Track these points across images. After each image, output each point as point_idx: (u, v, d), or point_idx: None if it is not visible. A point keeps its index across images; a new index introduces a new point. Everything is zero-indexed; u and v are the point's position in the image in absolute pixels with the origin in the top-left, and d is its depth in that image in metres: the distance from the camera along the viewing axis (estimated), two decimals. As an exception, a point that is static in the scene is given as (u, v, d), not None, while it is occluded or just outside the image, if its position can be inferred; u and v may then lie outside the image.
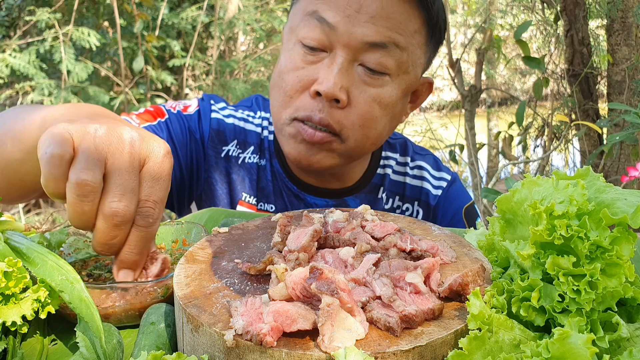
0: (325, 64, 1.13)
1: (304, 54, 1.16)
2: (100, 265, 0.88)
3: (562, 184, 0.65)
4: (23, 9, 4.55)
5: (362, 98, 1.15)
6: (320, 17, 1.12)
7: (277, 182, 1.39)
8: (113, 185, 0.71)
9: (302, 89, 1.16)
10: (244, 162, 1.40)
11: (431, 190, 1.41)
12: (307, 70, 1.15)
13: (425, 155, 1.47)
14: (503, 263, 0.72)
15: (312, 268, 0.61)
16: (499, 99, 7.82)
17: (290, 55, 1.18)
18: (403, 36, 1.14)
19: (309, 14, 1.14)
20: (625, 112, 2.02)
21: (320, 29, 1.12)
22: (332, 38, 1.12)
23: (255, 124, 1.43)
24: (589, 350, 0.50)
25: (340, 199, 1.38)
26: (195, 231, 0.95)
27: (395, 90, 1.18)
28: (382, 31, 1.11)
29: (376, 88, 1.15)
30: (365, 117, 1.16)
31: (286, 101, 1.18)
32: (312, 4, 1.14)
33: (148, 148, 0.75)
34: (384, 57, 1.13)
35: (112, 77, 4.78)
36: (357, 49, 1.12)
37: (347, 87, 1.13)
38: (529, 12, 3.98)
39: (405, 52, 1.15)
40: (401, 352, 0.56)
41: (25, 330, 0.70)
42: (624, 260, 0.58)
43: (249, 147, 1.41)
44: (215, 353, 0.60)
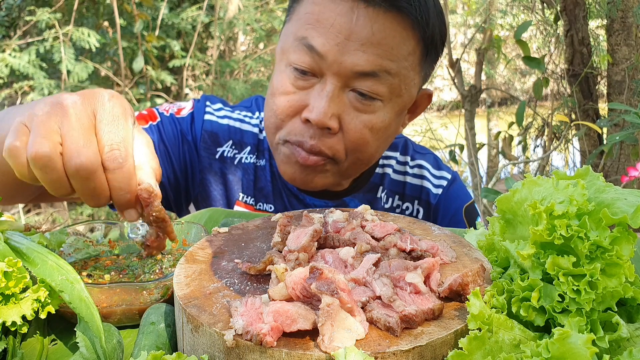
0: (316, 91, 1.12)
1: (295, 79, 1.14)
2: (100, 265, 0.88)
3: (562, 184, 0.65)
4: (23, 9, 4.55)
5: (353, 124, 1.13)
6: (310, 45, 1.10)
7: (277, 183, 1.39)
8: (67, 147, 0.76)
9: (292, 113, 1.15)
10: (240, 162, 1.40)
11: (432, 189, 1.40)
12: (298, 96, 1.14)
13: (425, 154, 1.47)
14: (503, 263, 0.72)
15: (312, 268, 0.61)
16: (499, 99, 7.82)
17: (281, 78, 1.17)
18: (394, 62, 1.11)
19: (298, 39, 1.13)
20: (625, 112, 2.02)
21: (310, 57, 1.11)
22: (322, 66, 1.11)
23: (253, 124, 1.43)
24: (589, 350, 0.50)
25: (339, 200, 1.38)
26: (195, 231, 0.95)
27: (388, 114, 1.17)
28: (373, 59, 1.09)
29: (368, 114, 1.14)
30: (357, 143, 1.16)
31: (278, 124, 1.18)
32: (302, 30, 1.12)
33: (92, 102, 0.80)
34: (375, 85, 1.11)
35: (112, 77, 4.78)
36: (348, 77, 1.11)
37: (338, 114, 1.12)
38: (529, 12, 3.98)
39: (397, 77, 1.13)
40: (401, 352, 0.56)
41: (25, 330, 0.70)
42: (624, 260, 0.58)
43: (245, 147, 1.41)
44: (215, 353, 0.60)
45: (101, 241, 0.98)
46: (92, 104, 0.79)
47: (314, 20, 1.11)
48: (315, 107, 1.10)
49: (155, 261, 0.89)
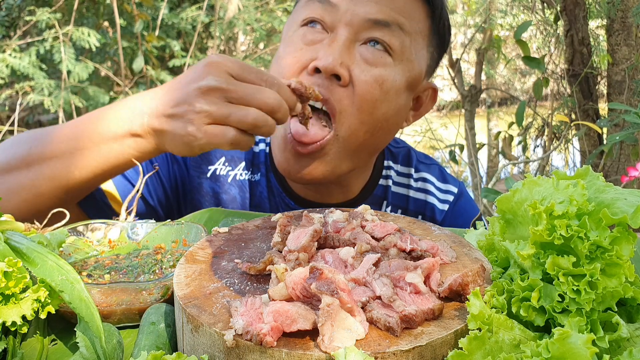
0: (325, 44, 1.07)
1: (304, 34, 1.10)
2: (100, 265, 0.88)
3: (562, 184, 0.65)
4: (23, 9, 4.55)
5: (363, 77, 1.07)
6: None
7: (274, 198, 1.31)
8: (245, 99, 0.92)
9: (299, 69, 1.09)
10: (234, 179, 1.33)
11: (437, 204, 1.33)
12: (306, 51, 1.09)
13: (430, 165, 1.39)
14: (503, 263, 0.72)
15: (312, 268, 0.61)
16: (499, 99, 7.82)
17: (289, 41, 1.12)
18: (407, 19, 1.08)
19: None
20: (625, 112, 2.02)
21: (322, 8, 1.08)
22: (334, 17, 1.07)
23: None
24: (589, 350, 0.50)
25: None
26: (195, 231, 0.95)
27: (399, 75, 1.11)
28: (386, 10, 1.06)
29: (379, 68, 1.08)
30: (366, 99, 1.07)
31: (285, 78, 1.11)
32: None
33: (214, 67, 0.92)
34: (387, 35, 1.07)
35: (112, 77, 4.78)
36: (360, 27, 1.07)
37: (348, 65, 1.07)
38: (529, 12, 3.98)
39: (409, 36, 1.10)
40: (401, 352, 0.56)
41: (25, 330, 0.70)
42: (624, 260, 0.58)
43: (239, 163, 1.33)
44: (215, 353, 0.60)
45: (101, 241, 0.98)
46: (218, 67, 0.92)
47: None
48: (325, 55, 1.05)
49: (155, 261, 0.89)
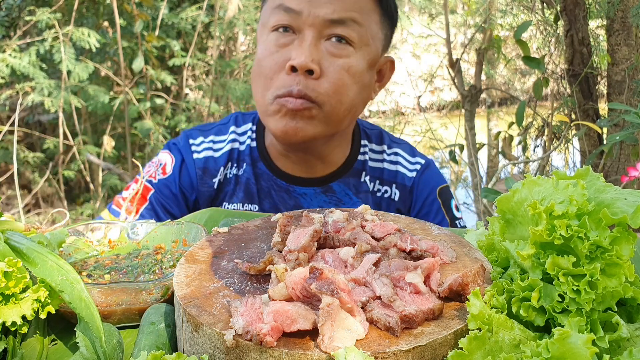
0: (296, 44, 1.29)
1: (277, 39, 1.30)
2: (100, 265, 0.88)
3: (562, 184, 0.65)
4: (23, 9, 4.54)
5: (332, 68, 1.29)
6: (286, 7, 1.28)
7: (263, 183, 1.48)
8: None
9: (279, 69, 1.29)
10: (226, 178, 1.50)
11: (406, 173, 1.52)
12: (281, 53, 1.29)
13: (401, 144, 1.59)
14: (503, 263, 0.72)
15: (312, 268, 0.61)
16: (499, 99, 7.81)
17: (265, 46, 1.33)
18: (359, 13, 1.30)
19: (276, 7, 1.31)
20: (625, 112, 2.02)
21: (288, 17, 1.29)
22: (299, 22, 1.28)
23: (222, 146, 1.52)
24: (589, 350, 0.50)
25: (326, 185, 1.47)
26: (195, 231, 0.95)
27: (361, 60, 1.33)
28: (340, 9, 1.27)
29: (343, 58, 1.30)
30: (337, 84, 1.29)
31: (267, 84, 1.31)
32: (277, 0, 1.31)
33: None
34: (346, 31, 1.29)
35: (112, 77, 4.78)
36: (321, 27, 1.28)
37: (318, 60, 1.27)
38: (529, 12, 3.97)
39: (363, 27, 1.31)
40: (401, 352, 0.56)
41: (25, 330, 0.70)
42: (624, 260, 0.58)
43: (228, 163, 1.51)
44: (215, 353, 0.60)
45: (101, 241, 0.98)
46: None
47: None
48: (297, 54, 1.26)
49: (155, 261, 0.89)
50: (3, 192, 4.87)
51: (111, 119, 4.82)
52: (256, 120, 1.53)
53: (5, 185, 4.90)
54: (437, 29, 6.86)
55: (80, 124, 4.74)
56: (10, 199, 4.77)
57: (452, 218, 1.49)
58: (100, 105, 4.46)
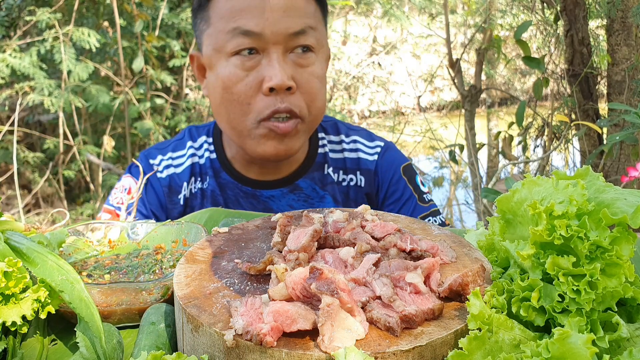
0: (264, 64, 1.28)
1: (242, 63, 1.28)
2: (100, 265, 0.88)
3: (562, 184, 0.65)
4: (23, 9, 4.54)
5: (304, 79, 1.31)
6: (245, 31, 1.26)
7: (229, 192, 1.48)
8: None
9: (254, 92, 1.29)
10: (192, 193, 1.50)
11: (368, 157, 1.54)
12: (251, 76, 1.28)
13: (358, 130, 1.61)
14: (503, 263, 0.72)
15: (312, 268, 0.61)
16: (499, 99, 7.81)
17: (229, 71, 1.30)
18: (310, 18, 1.32)
19: (231, 32, 1.28)
20: (625, 112, 2.02)
21: (250, 39, 1.27)
22: (262, 42, 1.27)
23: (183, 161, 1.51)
24: (589, 350, 0.50)
25: (292, 184, 1.48)
26: (195, 231, 0.95)
27: (322, 62, 1.37)
28: (297, 20, 1.29)
29: (310, 67, 1.32)
30: (312, 94, 1.32)
31: (244, 109, 1.30)
32: (231, 23, 1.27)
33: None
34: (306, 39, 1.31)
35: (112, 77, 4.78)
36: (286, 41, 1.28)
37: (292, 75, 1.29)
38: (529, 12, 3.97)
39: (316, 30, 1.33)
40: (401, 352, 0.56)
41: (25, 330, 0.70)
42: (623, 260, 0.58)
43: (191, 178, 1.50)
44: (215, 353, 0.60)
45: (101, 241, 0.98)
46: None
47: (238, 11, 1.27)
48: (272, 74, 1.26)
49: (155, 261, 0.89)
50: (3, 192, 4.87)
51: (111, 119, 4.82)
52: (211, 132, 1.53)
53: (5, 185, 4.90)
54: (437, 29, 6.86)
55: (80, 124, 4.74)
56: (10, 199, 4.77)
57: (419, 193, 1.50)
58: (101, 106, 4.46)
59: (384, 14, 6.82)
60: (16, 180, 4.07)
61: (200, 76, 1.44)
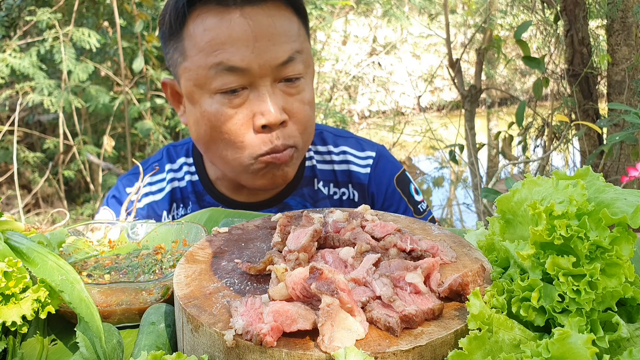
0: (253, 99, 1.19)
1: (229, 101, 1.19)
2: (100, 265, 0.88)
3: (562, 184, 0.65)
4: (23, 9, 4.54)
5: (296, 108, 1.23)
6: (230, 67, 1.16)
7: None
8: None
9: (245, 130, 1.21)
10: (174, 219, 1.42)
11: (359, 170, 1.46)
12: (240, 113, 1.20)
13: (347, 138, 1.52)
14: (503, 263, 0.72)
15: (312, 268, 0.61)
16: (499, 99, 7.82)
17: (215, 110, 1.20)
18: (296, 41, 1.23)
19: (214, 67, 1.17)
20: (625, 112, 2.02)
21: (235, 76, 1.17)
22: (249, 77, 1.18)
23: (162, 187, 1.44)
24: (589, 350, 0.50)
25: (281, 203, 1.41)
26: (195, 231, 0.95)
27: (310, 85, 1.29)
28: (284, 47, 1.19)
29: (300, 94, 1.24)
30: (304, 122, 1.26)
31: (238, 146, 1.22)
32: (212, 58, 1.17)
33: None
34: (295, 67, 1.22)
35: (112, 77, 4.78)
36: (274, 73, 1.20)
37: (283, 107, 1.21)
38: (529, 12, 3.97)
39: (303, 52, 1.25)
40: (401, 352, 0.56)
41: (25, 330, 0.70)
42: (623, 260, 0.58)
43: (173, 205, 1.43)
44: (215, 353, 0.60)
45: (101, 241, 0.98)
46: None
47: (219, 44, 1.16)
48: (264, 110, 1.18)
49: (155, 261, 0.89)
50: (3, 192, 4.87)
51: (111, 119, 4.82)
52: (190, 152, 1.45)
53: (5, 185, 4.90)
54: (437, 29, 6.86)
55: (80, 124, 4.74)
56: (10, 199, 4.77)
57: (414, 204, 1.45)
58: (101, 106, 4.46)
59: (384, 14, 6.82)
60: (16, 180, 4.08)
61: (175, 103, 1.33)
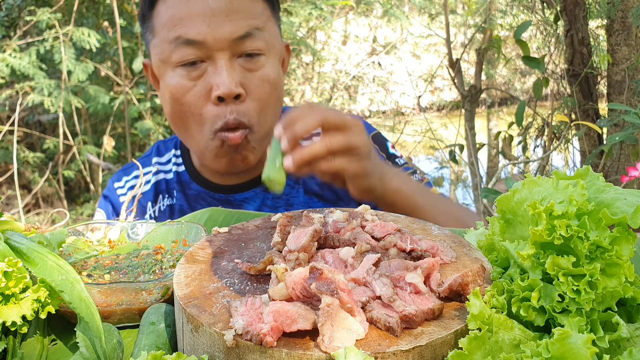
0: (210, 71, 1.23)
1: (188, 73, 1.23)
2: (100, 265, 0.88)
3: (562, 184, 0.65)
4: (23, 9, 4.54)
5: (254, 84, 1.25)
6: (187, 40, 1.21)
7: (202, 203, 1.44)
8: None
9: (203, 102, 1.24)
10: (164, 211, 1.45)
11: None
12: (199, 85, 1.23)
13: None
14: (503, 263, 0.72)
15: (312, 268, 0.61)
16: (499, 99, 7.81)
17: (175, 82, 1.25)
18: (257, 19, 1.25)
19: (173, 41, 1.22)
20: (625, 112, 2.02)
21: (192, 48, 1.22)
22: (206, 50, 1.22)
23: (147, 179, 1.47)
24: (589, 350, 0.50)
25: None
26: (195, 231, 0.95)
27: (274, 64, 1.30)
28: (241, 23, 1.23)
29: (260, 70, 1.26)
30: (261, 100, 1.26)
31: (198, 120, 1.25)
32: (172, 32, 1.22)
33: None
34: (253, 43, 1.24)
35: (112, 76, 4.78)
36: (231, 47, 1.22)
37: (240, 81, 1.23)
38: (529, 12, 3.98)
39: (265, 31, 1.27)
40: (401, 352, 0.56)
41: (25, 330, 0.70)
42: (623, 260, 0.58)
43: (158, 196, 1.46)
44: (215, 353, 0.60)
45: (101, 241, 0.98)
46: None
47: (178, 20, 1.22)
48: (220, 82, 1.21)
49: (155, 261, 0.89)
50: (3, 192, 4.87)
51: (111, 119, 4.82)
52: (178, 144, 1.49)
53: (5, 185, 4.91)
54: (437, 29, 6.86)
55: (80, 124, 4.74)
56: (10, 199, 4.77)
57: (390, 156, 1.47)
58: (101, 106, 4.46)
59: (384, 14, 6.82)
60: (16, 180, 4.08)
61: (155, 84, 1.38)
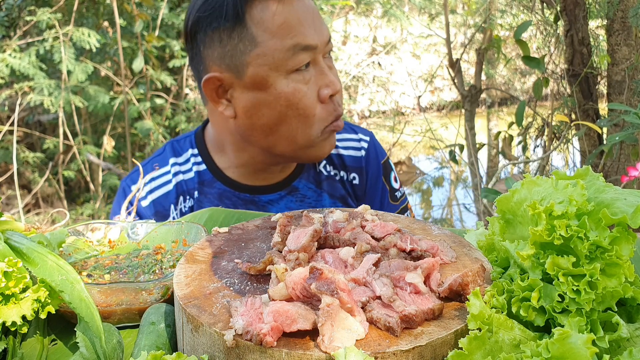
0: (316, 74, 1.32)
1: (303, 77, 1.30)
2: (100, 265, 0.88)
3: (561, 184, 0.65)
4: (23, 9, 4.54)
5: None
6: (306, 46, 1.28)
7: (226, 202, 1.45)
8: None
9: (315, 104, 1.33)
10: (182, 213, 1.45)
11: (355, 154, 1.56)
12: (310, 88, 1.31)
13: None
14: (503, 263, 0.72)
15: (312, 268, 0.61)
16: (499, 99, 7.81)
17: (291, 88, 1.30)
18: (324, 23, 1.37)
19: (291, 48, 1.27)
20: (625, 112, 2.02)
21: (308, 53, 1.30)
22: (314, 53, 1.31)
23: (167, 180, 1.46)
24: (589, 350, 0.50)
25: (289, 186, 1.48)
26: (195, 231, 0.95)
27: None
28: (325, 29, 1.34)
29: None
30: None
31: (309, 121, 1.32)
32: (287, 39, 1.27)
33: None
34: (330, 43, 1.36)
35: (112, 77, 4.78)
36: (325, 48, 1.34)
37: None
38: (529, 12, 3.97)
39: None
40: (401, 352, 0.56)
41: (25, 330, 0.70)
42: (623, 260, 0.58)
43: (179, 199, 1.46)
44: (215, 353, 0.60)
45: (101, 241, 0.98)
46: None
47: (294, 26, 1.28)
48: (329, 82, 1.32)
49: (155, 261, 0.89)
50: (3, 192, 4.87)
51: (111, 119, 4.82)
52: (194, 143, 1.48)
53: (5, 185, 4.90)
54: (437, 29, 6.86)
55: (80, 124, 4.74)
56: (10, 199, 4.77)
57: (391, 190, 1.56)
58: (101, 106, 4.46)
59: (384, 14, 6.82)
60: (16, 180, 4.08)
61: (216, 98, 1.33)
